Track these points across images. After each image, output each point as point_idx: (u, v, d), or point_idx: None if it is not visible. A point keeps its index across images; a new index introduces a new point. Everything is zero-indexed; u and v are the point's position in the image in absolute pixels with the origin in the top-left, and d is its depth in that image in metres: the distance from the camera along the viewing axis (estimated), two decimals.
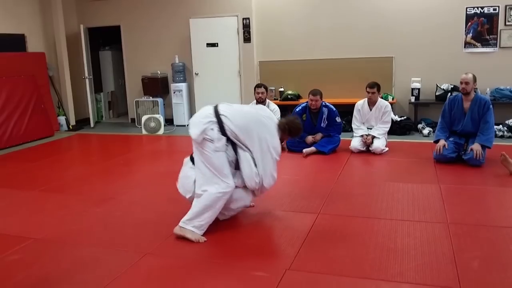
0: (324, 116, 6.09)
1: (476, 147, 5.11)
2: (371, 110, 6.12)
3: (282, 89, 8.30)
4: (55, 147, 7.51)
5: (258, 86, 6.47)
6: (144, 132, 8.27)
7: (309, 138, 6.10)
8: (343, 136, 6.41)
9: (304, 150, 5.94)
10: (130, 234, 3.55)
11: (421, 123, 7.43)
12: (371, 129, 6.10)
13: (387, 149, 6.00)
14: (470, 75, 5.26)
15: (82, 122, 9.40)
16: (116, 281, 2.78)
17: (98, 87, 10.10)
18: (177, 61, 8.85)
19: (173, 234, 3.40)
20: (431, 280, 2.69)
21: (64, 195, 4.68)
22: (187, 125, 8.80)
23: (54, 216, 4.03)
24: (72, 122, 9.15)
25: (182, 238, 3.33)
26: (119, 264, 3.01)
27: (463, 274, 2.73)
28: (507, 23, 7.32)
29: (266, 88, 6.49)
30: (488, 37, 7.45)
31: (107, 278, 2.81)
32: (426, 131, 7.13)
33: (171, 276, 2.86)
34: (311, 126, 6.16)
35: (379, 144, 5.91)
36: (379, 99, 6.15)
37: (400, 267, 2.86)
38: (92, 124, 9.29)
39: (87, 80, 9.19)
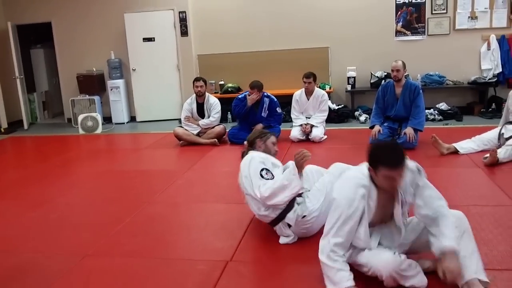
0: (265, 106, 6.15)
1: (409, 130, 5.35)
2: (308, 99, 6.25)
3: (222, 82, 8.30)
4: None
5: (196, 79, 6.43)
6: (81, 131, 8.03)
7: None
8: (283, 127, 6.51)
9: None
10: (68, 237, 3.45)
11: (357, 110, 7.67)
12: (309, 118, 6.23)
13: (325, 137, 6.15)
14: (399, 62, 5.48)
15: (15, 125, 8.96)
16: (55, 286, 2.70)
17: (30, 87, 9.65)
18: (113, 57, 8.63)
19: (112, 234, 3.34)
20: None
21: None
22: (126, 122, 8.67)
23: None
24: (4, 125, 8.72)
25: None
26: (57, 268, 2.92)
27: None
28: (433, 11, 7.68)
29: (205, 82, 6.46)
30: (416, 25, 7.78)
31: (45, 283, 2.72)
32: (362, 117, 7.38)
33: (112, 276, 2.81)
34: (253, 115, 6.20)
35: (318, 132, 6.06)
36: (316, 89, 6.29)
37: None
38: (26, 126, 8.89)
39: (18, 80, 8.77)
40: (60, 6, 8.82)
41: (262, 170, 3.11)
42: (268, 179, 3.05)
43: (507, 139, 4.86)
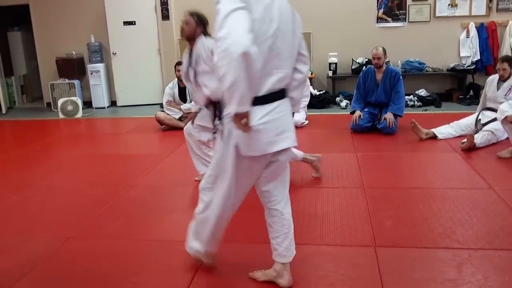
0: None
1: (388, 116, 5.43)
2: None
3: None
4: None
5: (178, 64, 6.37)
6: (61, 116, 7.92)
7: None
8: None
9: None
10: (51, 220, 3.44)
11: (338, 96, 7.73)
12: None
13: (307, 122, 6.21)
14: (380, 50, 5.53)
15: None
16: (38, 268, 2.71)
17: (8, 70, 9.44)
18: (93, 41, 8.50)
19: (95, 217, 3.34)
20: (349, 241, 2.88)
21: None
22: (107, 107, 8.59)
23: None
24: None
25: None
26: (40, 250, 2.92)
27: (378, 233, 2.94)
28: None
29: None
30: (398, 12, 7.84)
31: (28, 265, 2.72)
32: (343, 103, 7.44)
33: (95, 258, 2.82)
34: None
35: (299, 117, 6.09)
36: None
37: (320, 230, 3.03)
38: (4, 110, 8.73)
39: None
40: None
41: None
42: None
43: (484, 124, 4.99)
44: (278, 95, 2.12)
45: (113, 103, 8.78)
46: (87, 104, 8.60)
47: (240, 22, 1.89)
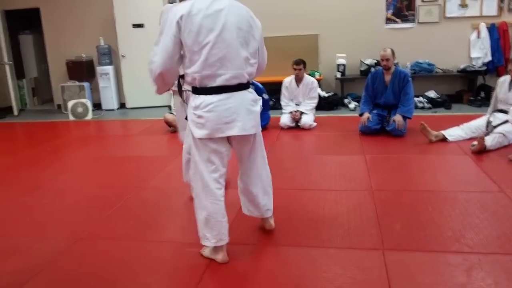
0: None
1: (397, 118, 5.40)
2: (298, 86, 6.27)
3: None
4: None
5: None
6: (71, 118, 7.98)
7: None
8: (273, 114, 6.51)
9: None
10: (61, 221, 3.47)
11: (347, 98, 7.71)
12: (299, 105, 6.25)
13: (315, 124, 6.19)
14: (388, 51, 5.50)
15: (5, 111, 8.87)
16: (47, 269, 2.73)
17: (20, 73, 9.54)
18: (102, 44, 8.56)
19: (104, 218, 3.36)
20: (357, 244, 2.86)
21: None
22: (116, 109, 8.63)
23: None
24: None
25: None
26: (50, 251, 2.94)
27: (386, 236, 2.92)
28: None
29: None
30: (407, 13, 7.80)
31: (37, 266, 2.75)
32: (352, 105, 7.41)
33: (104, 259, 2.83)
34: None
35: (308, 119, 6.09)
36: (306, 76, 6.30)
37: (328, 233, 3.01)
38: (15, 112, 8.82)
39: (7, 66, 8.67)
40: None
41: None
42: None
43: (495, 127, 4.94)
44: (231, 88, 2.48)
45: (122, 105, 8.82)
46: (97, 106, 8.65)
47: (164, 48, 2.42)
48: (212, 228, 2.61)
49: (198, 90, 2.48)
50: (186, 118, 2.69)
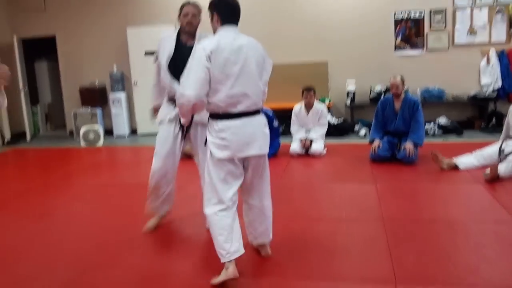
0: None
1: (408, 145, 5.38)
2: (308, 113, 6.29)
3: None
4: None
5: None
6: (83, 144, 8.06)
7: None
8: (283, 141, 6.52)
9: None
10: (70, 249, 3.46)
11: (357, 125, 7.71)
12: (309, 132, 6.26)
13: (325, 151, 6.19)
14: (398, 79, 5.52)
15: (18, 136, 9.01)
16: None
17: (34, 99, 9.73)
18: (115, 71, 8.70)
19: (114, 247, 3.35)
20: (369, 276, 2.82)
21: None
22: (128, 135, 8.70)
23: None
24: (8, 136, 8.76)
25: None
26: (59, 280, 2.93)
27: (398, 268, 2.88)
28: (432, 27, 7.76)
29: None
30: (416, 40, 7.85)
31: None
32: (362, 132, 7.41)
33: None
34: None
35: (318, 147, 6.09)
36: (316, 103, 6.32)
37: (339, 265, 2.98)
38: (28, 138, 8.95)
39: (22, 93, 8.84)
40: (65, 20, 8.93)
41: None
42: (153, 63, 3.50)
43: (508, 154, 4.88)
44: (249, 114, 2.75)
45: (133, 131, 8.90)
46: (108, 132, 8.74)
47: (197, 81, 2.61)
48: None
49: (221, 116, 2.72)
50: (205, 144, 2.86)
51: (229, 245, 2.72)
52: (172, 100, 3.33)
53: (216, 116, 2.74)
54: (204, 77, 2.61)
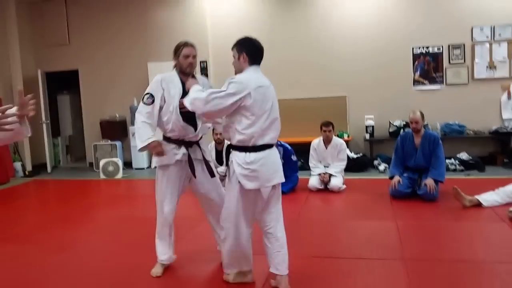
0: (280, 155, 6.12)
1: (429, 181, 5.29)
2: (326, 148, 6.27)
3: None
4: (10, 194, 7.27)
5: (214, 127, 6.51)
6: (102, 176, 8.13)
7: None
8: (301, 175, 6.48)
9: None
10: (89, 284, 3.45)
11: (376, 159, 7.65)
12: (328, 167, 6.22)
13: (344, 186, 6.12)
14: (418, 114, 5.48)
15: (39, 168, 9.16)
16: None
17: (55, 131, 9.93)
18: (135, 104, 8.82)
19: (132, 282, 3.32)
20: None
21: (19, 244, 4.52)
22: (146, 167, 8.77)
23: (7, 266, 3.88)
24: (29, 167, 8.91)
25: None
26: None
27: None
28: (451, 61, 7.75)
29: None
30: (434, 75, 7.85)
31: None
32: (382, 167, 7.34)
33: None
34: None
35: (337, 182, 6.04)
36: (334, 137, 6.31)
37: None
38: (49, 170, 9.08)
39: (44, 125, 9.03)
40: (87, 56, 9.19)
41: (146, 94, 3.41)
42: (145, 103, 3.41)
43: None
44: (271, 145, 3.03)
45: (152, 164, 8.96)
46: (128, 164, 8.82)
47: (222, 104, 2.89)
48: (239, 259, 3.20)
49: (250, 148, 2.94)
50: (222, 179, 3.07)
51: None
52: (178, 141, 3.41)
53: (245, 148, 2.95)
54: (228, 106, 2.87)
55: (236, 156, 2.97)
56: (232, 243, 3.10)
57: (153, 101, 3.41)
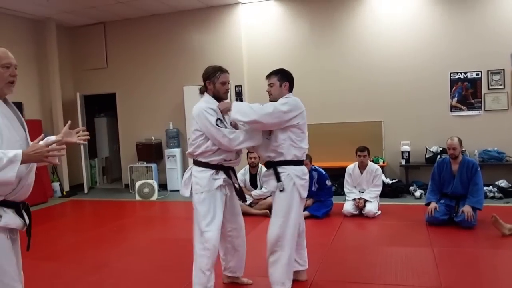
0: (314, 180, 6.10)
1: (467, 209, 5.17)
2: (362, 173, 6.22)
3: None
4: (49, 213, 7.48)
5: (251, 151, 6.57)
6: (137, 198, 8.28)
7: None
8: (336, 200, 6.44)
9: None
10: None
11: (412, 186, 7.51)
12: (363, 192, 6.16)
13: (379, 212, 6.04)
14: (455, 140, 5.39)
15: (76, 188, 9.41)
16: None
17: (92, 153, 10.21)
18: (171, 127, 9.02)
19: None
20: None
21: (57, 263, 4.64)
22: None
23: (46, 285, 3.98)
24: (66, 188, 9.16)
25: None
26: None
27: None
28: (490, 87, 7.61)
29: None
30: (472, 100, 7.71)
31: None
32: (417, 193, 7.21)
33: None
34: None
35: (372, 207, 5.96)
36: (370, 163, 6.26)
37: None
38: (86, 190, 9.31)
39: (82, 147, 9.29)
40: (125, 79, 9.48)
41: (217, 120, 3.36)
42: (219, 126, 3.35)
43: None
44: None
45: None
46: (163, 186, 8.96)
47: (273, 120, 3.32)
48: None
49: (300, 162, 3.40)
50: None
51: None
52: (217, 166, 3.39)
53: (299, 162, 3.39)
54: (284, 123, 3.34)
55: (293, 169, 3.34)
56: (290, 253, 3.33)
57: (221, 123, 3.42)
